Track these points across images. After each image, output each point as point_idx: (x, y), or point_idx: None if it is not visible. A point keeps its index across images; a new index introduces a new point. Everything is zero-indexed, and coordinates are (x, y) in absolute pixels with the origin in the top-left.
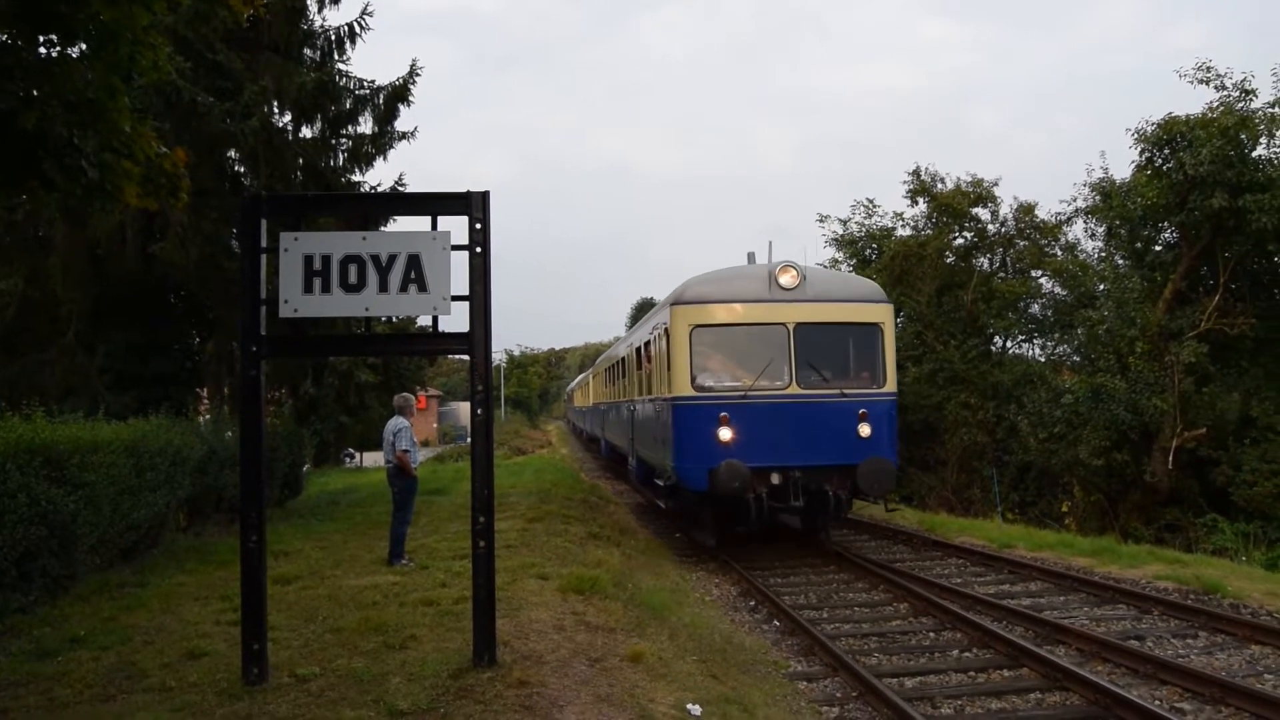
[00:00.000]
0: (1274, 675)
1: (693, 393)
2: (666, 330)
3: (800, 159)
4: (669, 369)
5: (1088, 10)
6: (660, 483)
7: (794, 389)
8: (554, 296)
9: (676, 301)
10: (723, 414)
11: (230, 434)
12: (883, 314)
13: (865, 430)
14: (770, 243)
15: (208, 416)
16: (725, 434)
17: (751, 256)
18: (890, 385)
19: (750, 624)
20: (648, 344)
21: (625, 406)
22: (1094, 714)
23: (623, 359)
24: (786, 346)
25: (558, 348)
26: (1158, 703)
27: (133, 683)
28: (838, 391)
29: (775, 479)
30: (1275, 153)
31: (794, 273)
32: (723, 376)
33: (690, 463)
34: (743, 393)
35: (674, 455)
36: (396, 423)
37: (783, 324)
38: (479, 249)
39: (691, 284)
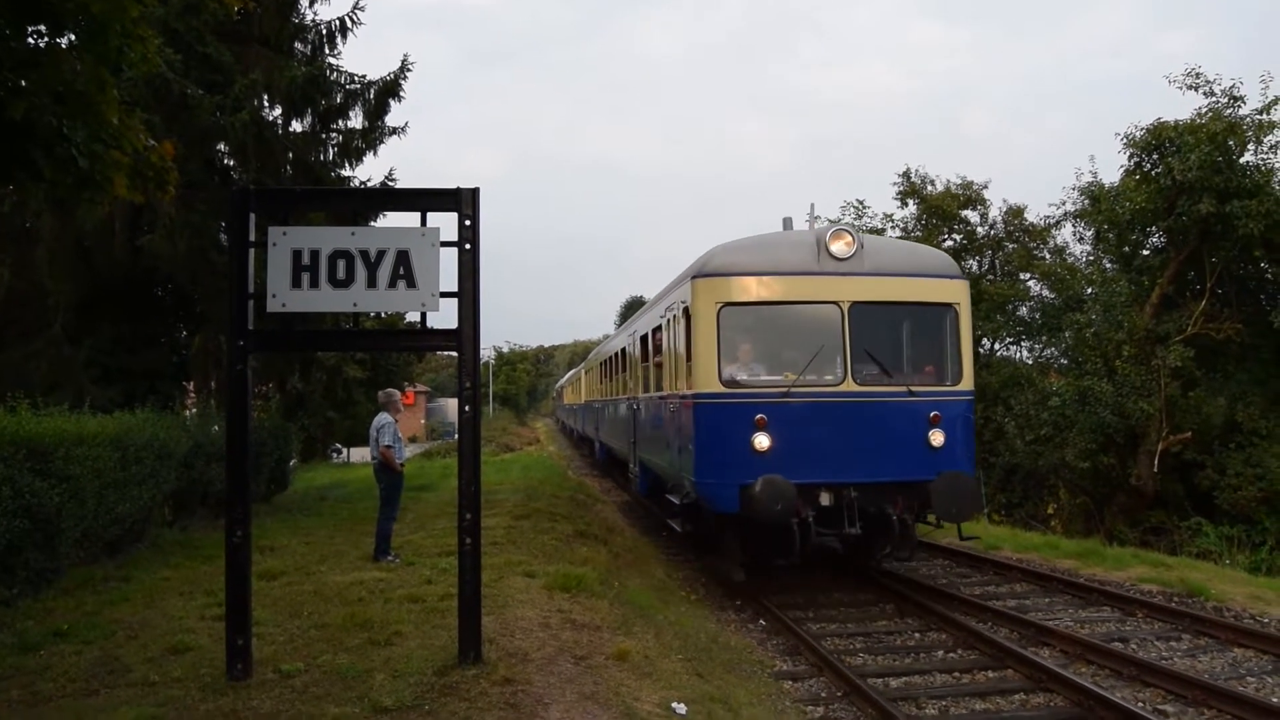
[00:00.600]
0: (1256, 678)
1: (721, 388)
2: (686, 310)
3: (790, 159)
4: (689, 359)
5: (1080, 15)
6: (674, 500)
7: (849, 385)
8: (543, 294)
9: (700, 274)
10: (759, 416)
11: (217, 428)
12: (957, 292)
13: (937, 438)
14: (813, 205)
15: (194, 410)
16: (762, 441)
17: (788, 223)
18: (967, 382)
19: (736, 623)
20: (657, 330)
21: (626, 405)
22: (1077, 715)
23: (623, 350)
24: (840, 331)
25: (546, 345)
26: (1141, 704)
27: (116, 677)
28: (904, 389)
29: (825, 499)
30: (1263, 159)
31: (849, 239)
32: (758, 369)
33: (716, 477)
34: (785, 389)
35: (694, 467)
36: (381, 419)
37: (835, 303)
38: (468, 245)
39: (719, 252)
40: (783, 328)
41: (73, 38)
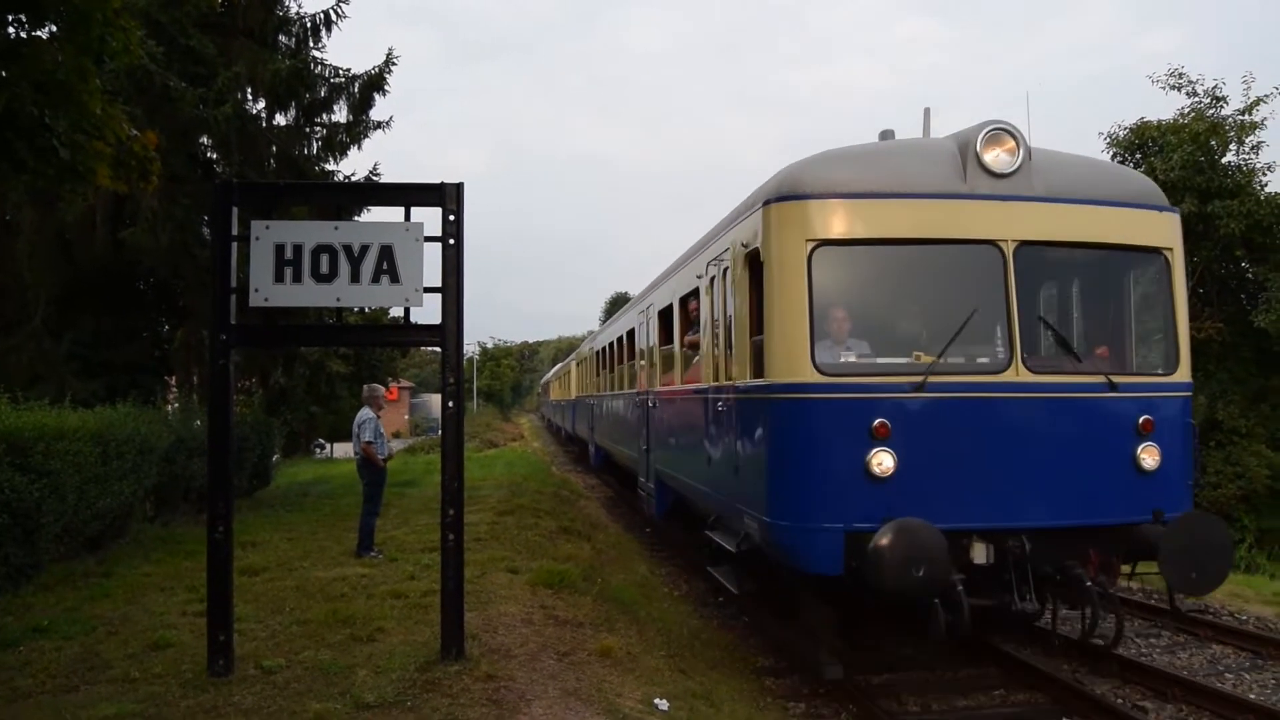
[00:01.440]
0: (1234, 674)
1: (815, 376)
2: (752, 259)
3: (776, 156)
4: (755, 331)
5: (1063, 13)
6: (724, 543)
7: (1017, 373)
8: (528, 289)
9: (780, 197)
10: (879, 421)
11: (199, 423)
12: (1170, 231)
13: (1150, 456)
14: (927, 110)
15: (176, 405)
16: (884, 461)
17: (889, 135)
18: (1184, 370)
19: (720, 619)
20: (688, 299)
21: (635, 401)
22: (1057, 710)
23: (630, 333)
24: (1001, 287)
25: (531, 340)
26: (1120, 700)
27: (96, 673)
28: (1102, 379)
29: (980, 553)
30: (1245, 159)
31: (1012, 143)
32: (869, 345)
33: (804, 517)
34: (917, 379)
35: (766, 499)
36: (363, 414)
37: (994, 243)
38: (452, 241)
39: (811, 165)
40: (911, 281)
41: (54, 28)
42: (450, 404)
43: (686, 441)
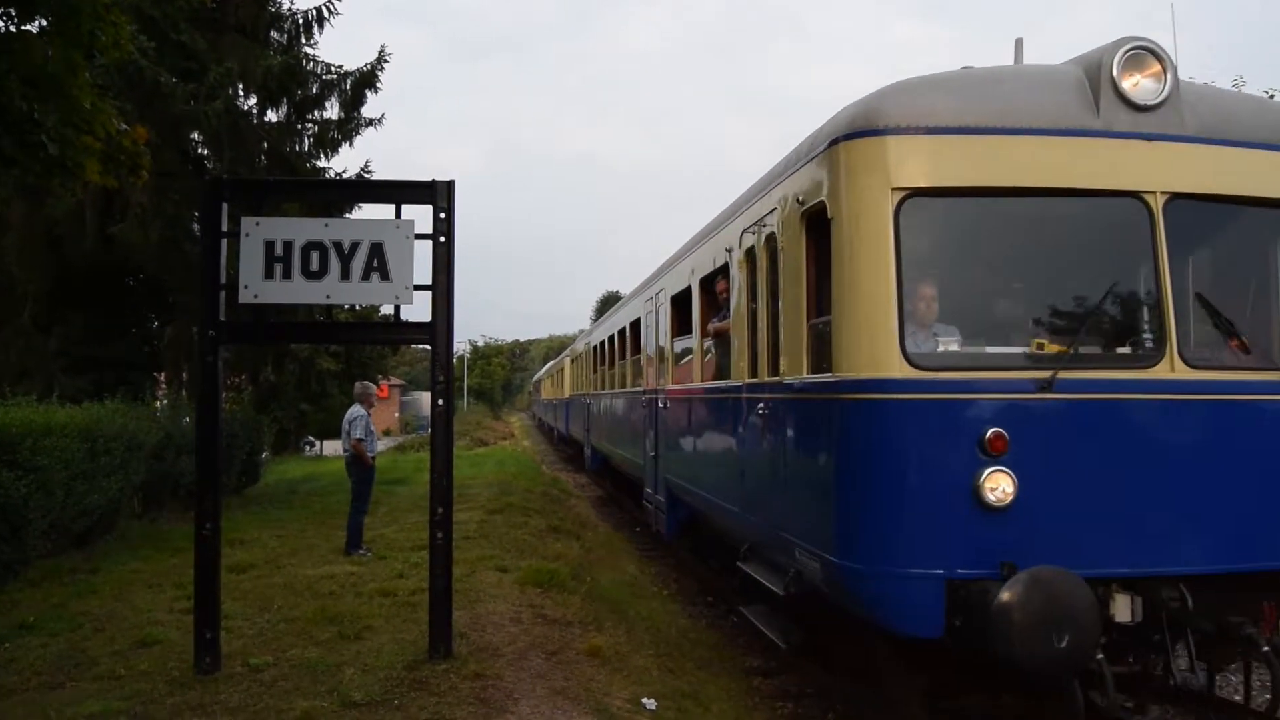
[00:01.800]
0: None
1: (903, 370)
2: (810, 217)
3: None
4: (815, 311)
5: (1063, 13)
6: (774, 587)
7: (1171, 367)
8: (520, 288)
9: (854, 132)
10: (993, 431)
11: (188, 420)
12: None
13: None
14: (1019, 40)
15: (165, 401)
16: (1000, 484)
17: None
18: None
19: (709, 619)
20: (712, 279)
21: (642, 401)
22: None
23: (635, 323)
24: (1149, 253)
25: (522, 339)
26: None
27: (82, 670)
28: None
29: (1124, 608)
30: None
31: (1158, 68)
32: (959, 330)
33: (893, 559)
34: (1044, 374)
35: (836, 530)
36: (354, 411)
37: (1137, 194)
38: (443, 238)
39: (897, 92)
40: (1028, 245)
41: (44, 22)
42: (440, 402)
43: (709, 450)
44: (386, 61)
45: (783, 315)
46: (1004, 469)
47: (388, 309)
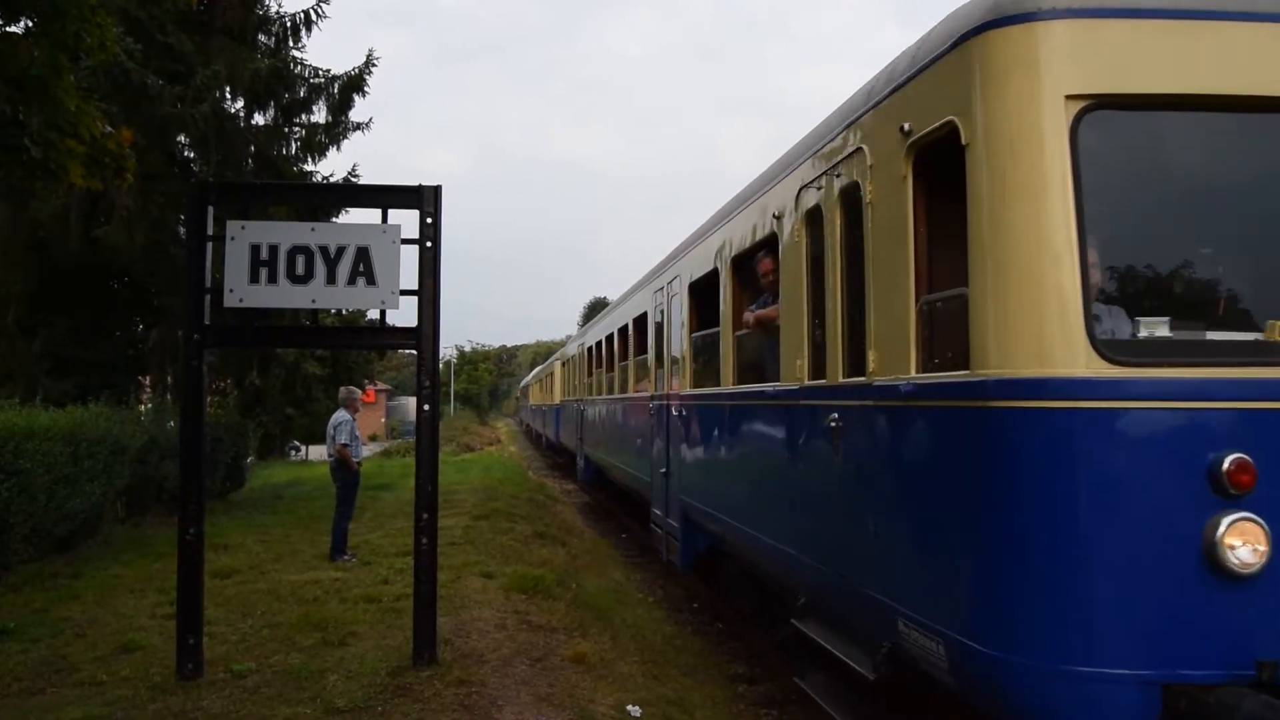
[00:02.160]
0: None
1: (1091, 366)
2: (922, 149)
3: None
4: (928, 284)
5: None
6: (861, 668)
7: None
8: (507, 293)
9: (1002, 18)
10: (1233, 458)
11: (172, 424)
12: None
13: None
14: None
15: (149, 405)
16: (1246, 542)
17: None
18: None
19: (694, 625)
20: (751, 254)
21: (649, 408)
22: None
23: (639, 319)
24: None
25: (509, 344)
26: None
27: (63, 676)
28: None
29: None
30: None
31: None
32: (1182, 307)
33: (1077, 653)
34: None
35: (976, 602)
36: (338, 416)
37: None
38: (429, 243)
39: None
40: (1233, 187)
41: (29, 23)
42: (425, 407)
43: (744, 470)
44: (375, 65)
45: (871, 292)
46: (1251, 516)
47: (374, 314)
